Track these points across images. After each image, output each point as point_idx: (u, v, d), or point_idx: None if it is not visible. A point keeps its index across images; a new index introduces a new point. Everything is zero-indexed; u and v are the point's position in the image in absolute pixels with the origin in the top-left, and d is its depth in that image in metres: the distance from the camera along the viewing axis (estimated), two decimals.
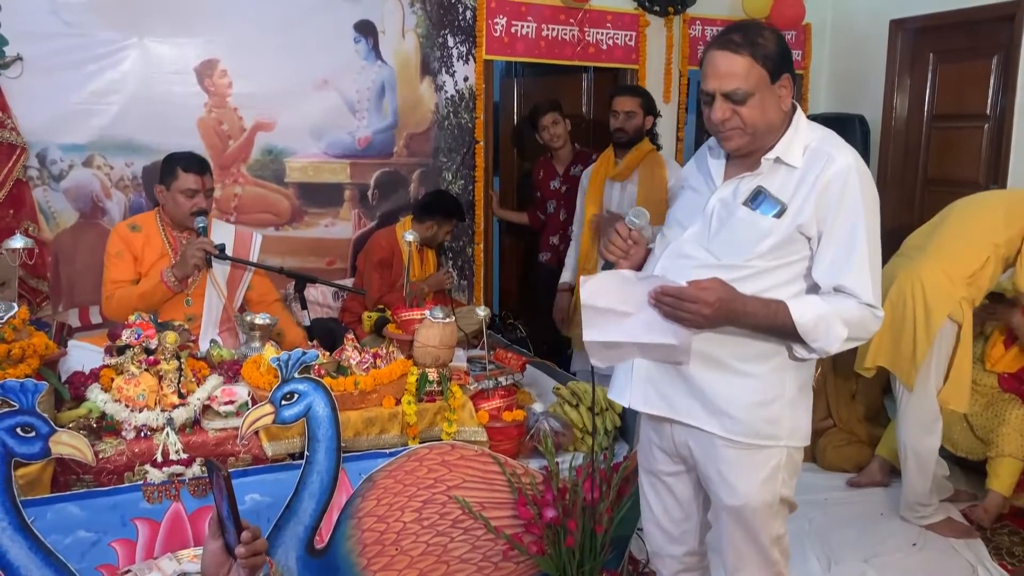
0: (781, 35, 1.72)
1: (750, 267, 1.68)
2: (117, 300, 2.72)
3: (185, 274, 2.72)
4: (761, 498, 1.76)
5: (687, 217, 1.81)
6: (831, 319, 1.63)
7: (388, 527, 2.13)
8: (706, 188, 1.80)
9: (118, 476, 1.98)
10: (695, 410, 1.75)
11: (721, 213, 1.73)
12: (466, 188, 4.34)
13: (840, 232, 1.65)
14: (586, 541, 2.19)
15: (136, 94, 3.53)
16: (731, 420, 1.72)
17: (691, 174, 1.90)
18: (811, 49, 5.16)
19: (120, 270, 2.77)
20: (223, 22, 3.65)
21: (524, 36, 4.28)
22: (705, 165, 1.83)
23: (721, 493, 1.79)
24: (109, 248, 2.81)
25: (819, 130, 1.74)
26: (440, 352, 2.34)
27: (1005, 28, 4.20)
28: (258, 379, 2.14)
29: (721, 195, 1.75)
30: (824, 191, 1.64)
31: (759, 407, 1.72)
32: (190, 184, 2.77)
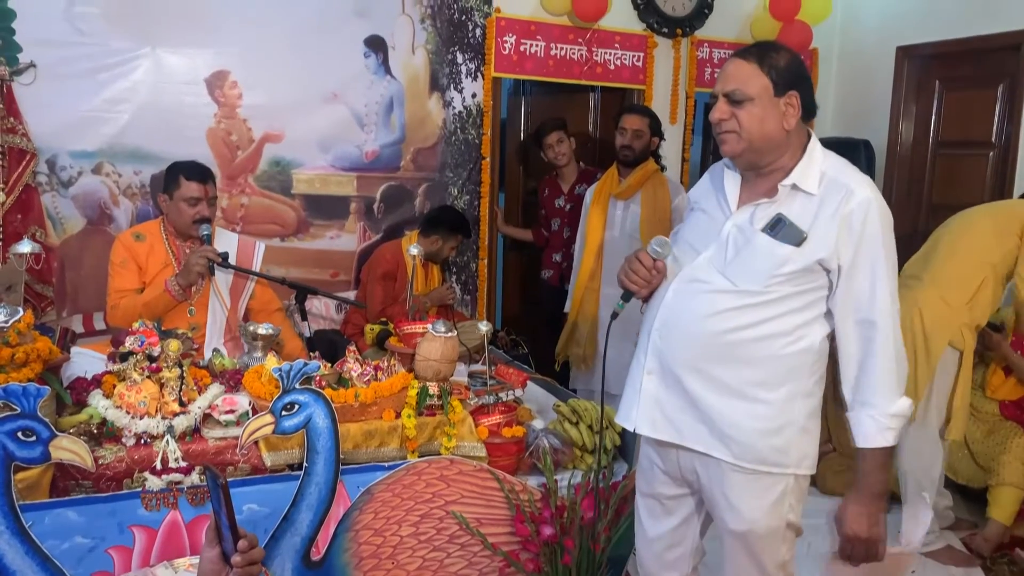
0: (798, 56, 1.74)
1: (767, 293, 1.68)
2: (122, 309, 2.73)
3: (189, 282, 2.73)
4: (767, 523, 1.75)
5: (700, 241, 1.79)
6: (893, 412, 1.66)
7: (385, 541, 2.13)
8: (720, 212, 1.79)
9: (117, 483, 1.98)
10: (703, 435, 1.74)
11: (737, 239, 1.72)
12: (471, 204, 4.36)
13: (863, 267, 1.65)
14: (583, 560, 2.19)
15: (147, 103, 3.56)
16: (739, 446, 1.71)
17: (702, 196, 1.89)
18: (818, 74, 5.19)
19: (124, 279, 2.79)
20: (235, 34, 3.68)
21: (533, 55, 4.31)
22: (720, 187, 1.81)
23: (727, 517, 1.77)
24: (113, 257, 2.83)
25: (833, 158, 1.75)
26: (441, 366, 2.35)
27: (1011, 57, 4.22)
28: (259, 389, 2.15)
29: (737, 221, 1.74)
30: (846, 225, 1.64)
31: (768, 434, 1.71)
32: (193, 192, 2.79)
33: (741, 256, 1.71)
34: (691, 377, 1.74)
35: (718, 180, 1.84)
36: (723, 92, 1.70)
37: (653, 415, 1.79)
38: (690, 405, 1.74)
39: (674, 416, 1.77)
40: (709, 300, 1.70)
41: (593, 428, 2.51)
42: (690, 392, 1.74)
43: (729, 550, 1.81)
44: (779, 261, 1.66)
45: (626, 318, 3.79)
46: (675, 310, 1.76)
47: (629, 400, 1.84)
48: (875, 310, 1.65)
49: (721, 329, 1.70)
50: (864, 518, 1.68)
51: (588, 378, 3.89)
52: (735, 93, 1.68)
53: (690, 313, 1.73)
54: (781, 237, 1.66)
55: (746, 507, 1.74)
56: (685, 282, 1.76)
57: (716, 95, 1.72)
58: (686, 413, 1.75)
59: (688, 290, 1.75)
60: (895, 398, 1.66)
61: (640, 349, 1.84)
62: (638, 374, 1.83)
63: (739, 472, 1.72)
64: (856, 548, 1.70)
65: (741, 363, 1.70)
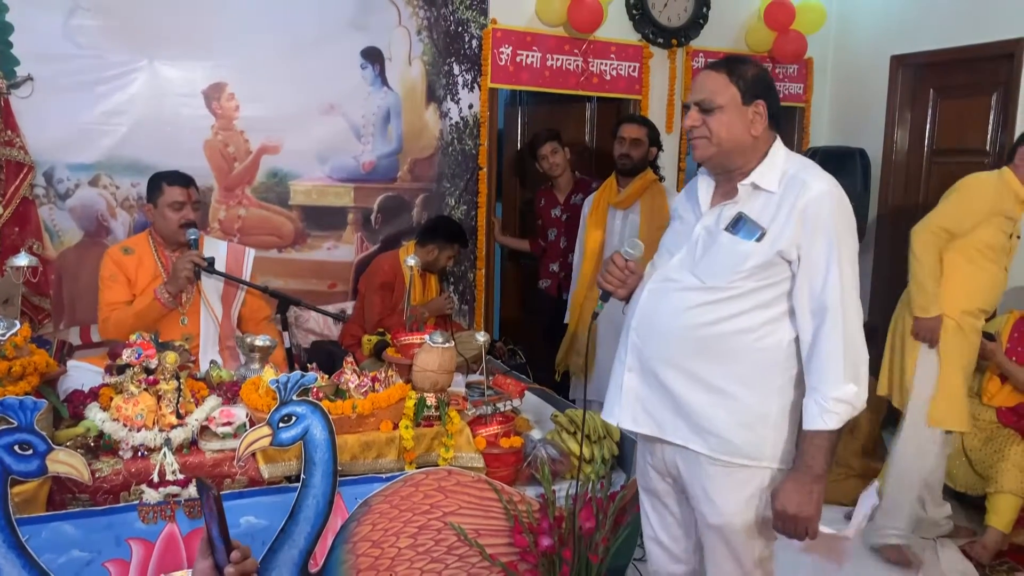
0: (765, 68, 1.87)
1: (732, 288, 1.75)
2: (114, 322, 2.74)
3: (178, 288, 2.73)
4: (743, 518, 1.79)
5: (675, 245, 1.90)
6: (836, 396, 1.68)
7: (383, 552, 2.12)
8: (693, 216, 1.89)
9: (114, 496, 1.98)
10: (681, 429, 1.81)
11: (706, 239, 1.82)
12: (469, 214, 4.37)
13: (819, 255, 1.70)
14: (581, 571, 2.18)
15: (144, 115, 3.56)
16: (716, 439, 1.77)
17: (680, 204, 1.99)
18: (813, 83, 5.22)
19: (115, 292, 2.79)
20: (232, 46, 3.69)
21: (529, 65, 4.33)
22: (695, 194, 1.91)
23: (705, 511, 1.83)
24: (103, 272, 2.84)
25: (797, 159, 1.83)
26: (439, 377, 2.35)
27: (1005, 66, 4.24)
28: (256, 401, 2.15)
29: (706, 222, 1.84)
30: (801, 217, 1.71)
31: (743, 428, 1.76)
32: (176, 197, 2.81)
33: (708, 254, 1.80)
34: (668, 372, 1.81)
35: (693, 187, 1.94)
36: (695, 101, 1.82)
37: (635, 410, 1.87)
38: (668, 399, 1.82)
39: (654, 411, 1.84)
40: (680, 297, 1.79)
41: (590, 437, 2.51)
42: (668, 387, 1.81)
43: (708, 545, 1.87)
44: (741, 257, 1.74)
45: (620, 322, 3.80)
46: (649, 309, 1.85)
47: (612, 396, 1.92)
48: (827, 296, 1.69)
49: (691, 324, 1.77)
50: (795, 495, 1.71)
51: (590, 389, 3.89)
52: (704, 102, 1.80)
53: (663, 310, 1.82)
54: (742, 234, 1.76)
55: (722, 500, 1.79)
56: (659, 282, 1.86)
57: (689, 104, 1.84)
58: (665, 408, 1.83)
59: (661, 289, 1.84)
60: (840, 383, 1.67)
61: (621, 347, 1.92)
62: (620, 371, 1.90)
63: (716, 465, 1.78)
64: (786, 524, 1.73)
65: (713, 358, 1.77)
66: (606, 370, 3.73)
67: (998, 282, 3.01)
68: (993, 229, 2.92)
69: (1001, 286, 3.04)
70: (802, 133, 5.26)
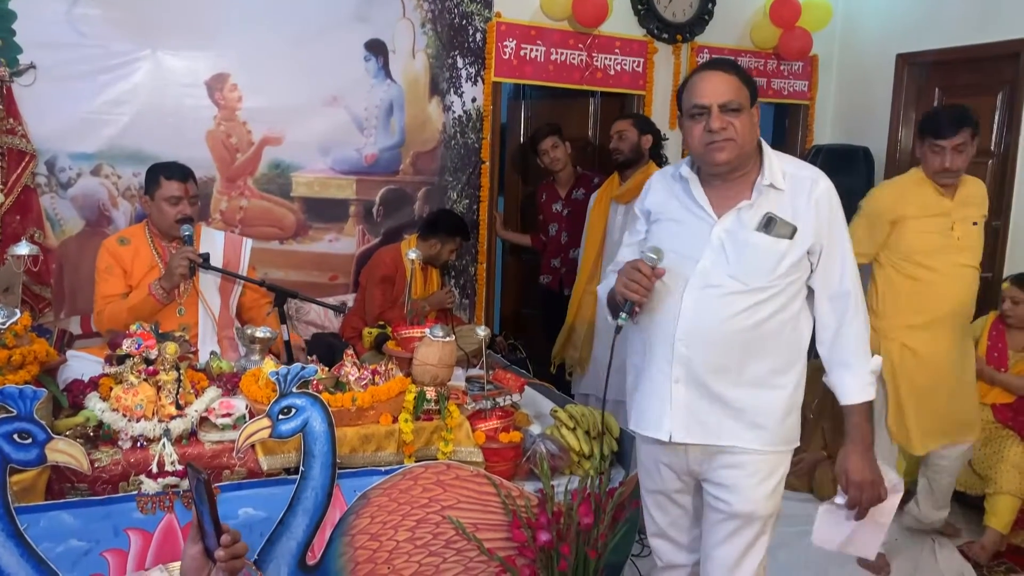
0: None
1: (773, 287, 1.80)
2: (108, 315, 2.73)
3: (172, 285, 2.72)
4: (772, 500, 1.88)
5: (690, 248, 1.85)
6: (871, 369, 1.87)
7: (381, 545, 2.13)
8: (699, 219, 1.87)
9: (113, 486, 1.98)
10: (735, 430, 1.84)
11: (732, 242, 1.82)
12: (471, 208, 4.36)
13: (836, 245, 1.84)
14: (579, 566, 2.18)
15: (147, 105, 3.55)
16: (768, 433, 1.84)
17: (662, 208, 1.95)
18: (817, 81, 5.20)
19: (110, 285, 2.78)
20: (235, 37, 3.68)
21: (533, 59, 4.31)
22: (687, 196, 1.89)
23: (732, 499, 1.85)
24: (99, 264, 2.83)
25: (784, 156, 1.91)
26: (439, 371, 2.35)
27: (1010, 65, 4.23)
28: (256, 392, 2.15)
29: (725, 225, 1.83)
30: (817, 210, 1.81)
31: (788, 416, 1.87)
32: (173, 191, 2.80)
33: (744, 257, 1.80)
34: (719, 378, 1.82)
35: (680, 190, 1.92)
36: (718, 103, 1.78)
37: (688, 422, 1.85)
38: (720, 404, 1.83)
39: (707, 419, 1.85)
40: (727, 302, 1.80)
41: (591, 434, 2.50)
42: (719, 393, 1.83)
43: (726, 531, 1.89)
44: (779, 256, 1.79)
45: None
46: (697, 318, 1.82)
47: (657, 410, 1.89)
48: (846, 281, 1.85)
49: (740, 328, 1.80)
50: (862, 463, 1.85)
51: (587, 383, 3.89)
52: (732, 103, 1.78)
53: (710, 318, 1.81)
54: (776, 233, 1.79)
55: (757, 488, 1.85)
56: (699, 289, 1.83)
57: (705, 106, 1.79)
58: (716, 413, 1.84)
59: (705, 296, 1.82)
60: (869, 358, 1.87)
61: (659, 359, 1.88)
62: (664, 384, 1.87)
63: (755, 455, 1.84)
64: (865, 492, 1.85)
65: (759, 356, 1.82)
66: (602, 364, 3.76)
67: (944, 287, 2.80)
68: (916, 233, 2.78)
69: (959, 287, 2.84)
70: (806, 131, 5.25)
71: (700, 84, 1.81)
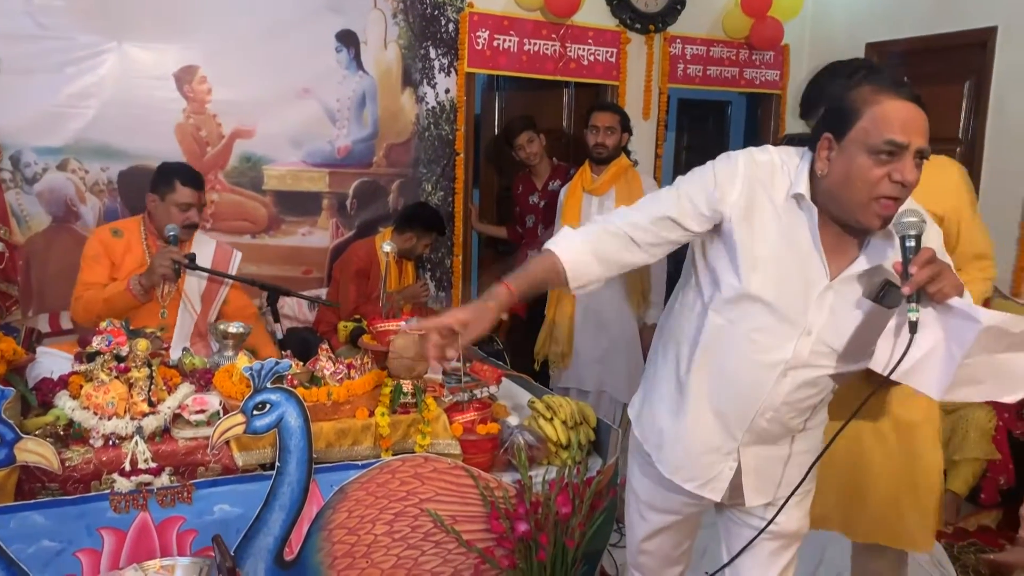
0: None
1: (862, 363, 1.53)
2: (84, 302, 2.69)
3: (152, 284, 2.67)
4: (807, 521, 1.79)
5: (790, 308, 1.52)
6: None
7: (359, 539, 2.12)
8: (805, 271, 1.51)
9: (84, 485, 1.95)
10: (791, 476, 1.70)
11: (839, 311, 1.52)
12: (445, 200, 4.34)
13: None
14: (558, 555, 2.19)
15: (114, 98, 3.50)
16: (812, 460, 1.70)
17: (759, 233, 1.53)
18: (789, 70, 5.24)
19: (94, 273, 2.74)
20: (203, 28, 3.63)
21: (506, 50, 4.30)
22: (801, 233, 1.51)
23: (780, 519, 1.69)
24: (86, 250, 2.78)
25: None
26: (415, 364, 2.33)
27: (978, 54, 4.28)
28: (230, 388, 2.12)
29: (840, 289, 1.51)
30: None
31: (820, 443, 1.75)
32: (186, 198, 2.76)
33: (857, 332, 1.51)
34: (787, 437, 1.68)
35: (795, 222, 1.51)
36: (917, 149, 1.39)
37: (759, 485, 1.70)
38: (783, 458, 1.70)
39: (774, 473, 1.70)
40: (825, 382, 1.59)
41: (568, 423, 2.51)
42: (784, 448, 1.69)
43: (766, 554, 1.75)
44: (881, 329, 1.45)
45: (597, 310, 3.77)
46: (788, 400, 1.59)
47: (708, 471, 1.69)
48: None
49: (825, 397, 1.66)
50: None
51: (569, 376, 3.90)
52: (927, 151, 1.41)
53: (800, 395, 1.60)
54: (889, 303, 1.45)
55: (799, 507, 1.74)
56: (800, 368, 1.55)
57: (903, 145, 1.38)
58: (780, 464, 1.70)
59: (803, 379, 1.57)
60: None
61: (723, 426, 1.65)
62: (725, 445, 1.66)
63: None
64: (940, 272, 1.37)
65: (822, 409, 1.71)
66: (584, 358, 3.77)
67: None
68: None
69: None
70: (778, 120, 5.29)
71: (905, 115, 1.39)
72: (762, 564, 1.75)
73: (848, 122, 1.43)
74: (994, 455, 3.30)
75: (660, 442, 1.76)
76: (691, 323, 1.67)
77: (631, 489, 1.95)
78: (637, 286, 3.71)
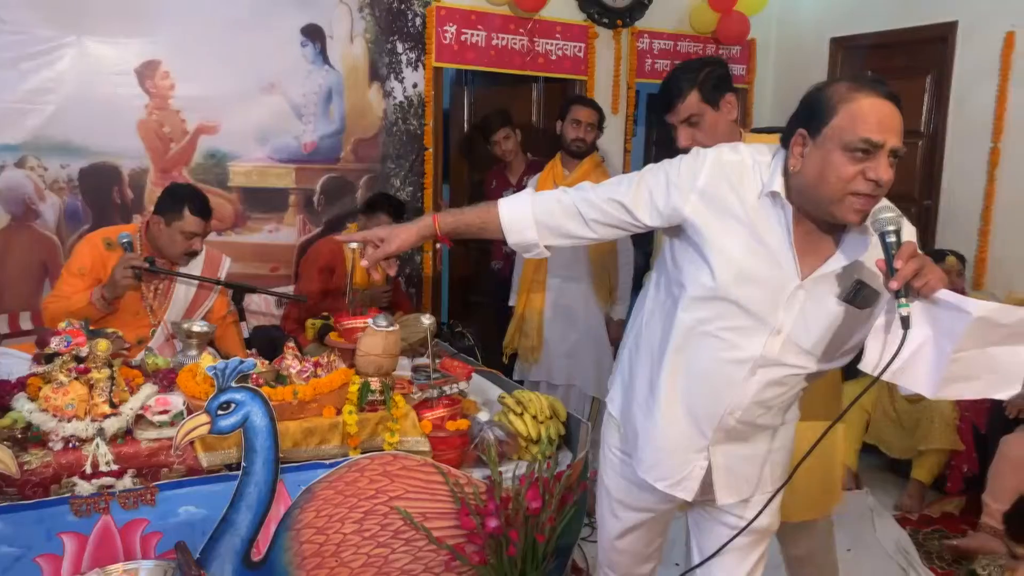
0: None
1: (836, 363, 1.57)
2: (50, 313, 2.65)
3: (115, 295, 2.63)
4: (778, 517, 1.79)
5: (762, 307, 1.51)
6: None
7: (328, 539, 2.10)
8: (779, 265, 1.49)
9: (44, 489, 1.90)
10: (767, 476, 1.71)
11: (810, 311, 1.50)
12: (415, 195, 4.32)
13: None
14: (528, 550, 2.19)
15: (73, 94, 3.43)
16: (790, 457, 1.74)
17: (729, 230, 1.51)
18: (756, 65, 5.28)
19: (71, 286, 2.69)
20: (165, 23, 3.57)
21: (474, 44, 4.28)
22: (775, 232, 1.49)
23: (750, 515, 1.69)
24: (73, 260, 2.73)
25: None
26: (383, 361, 2.32)
27: (939, 48, 4.35)
28: (194, 388, 2.09)
29: (810, 288, 1.49)
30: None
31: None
32: (194, 227, 2.73)
33: (827, 332, 1.50)
34: (758, 435, 1.67)
35: (771, 220, 1.49)
36: (892, 147, 1.37)
37: (729, 482, 1.68)
38: (757, 457, 1.69)
39: (747, 472, 1.69)
40: (794, 381, 1.58)
41: (538, 418, 2.51)
42: (757, 446, 1.68)
43: (737, 549, 1.74)
44: (859, 331, 1.48)
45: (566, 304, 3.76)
46: (758, 398, 1.59)
47: (680, 470, 1.68)
48: None
49: (795, 396, 1.65)
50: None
51: (538, 371, 3.90)
52: (901, 151, 1.39)
53: (771, 393, 1.59)
54: (862, 303, 1.43)
55: (770, 506, 1.71)
56: (769, 366, 1.54)
57: (878, 144, 1.36)
58: (755, 463, 1.69)
59: (772, 377, 1.56)
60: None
61: (693, 423, 1.64)
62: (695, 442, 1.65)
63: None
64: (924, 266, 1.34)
65: (793, 407, 1.71)
66: (554, 351, 3.77)
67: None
68: None
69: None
70: (745, 114, 5.33)
71: (880, 113, 1.37)
72: (733, 560, 1.75)
73: (823, 118, 1.41)
74: (958, 446, 3.36)
75: (636, 441, 1.76)
76: (661, 322, 1.67)
77: (603, 487, 1.96)
78: (605, 281, 3.72)
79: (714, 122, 2.14)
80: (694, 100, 2.12)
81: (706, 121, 2.13)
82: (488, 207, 1.72)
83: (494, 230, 1.69)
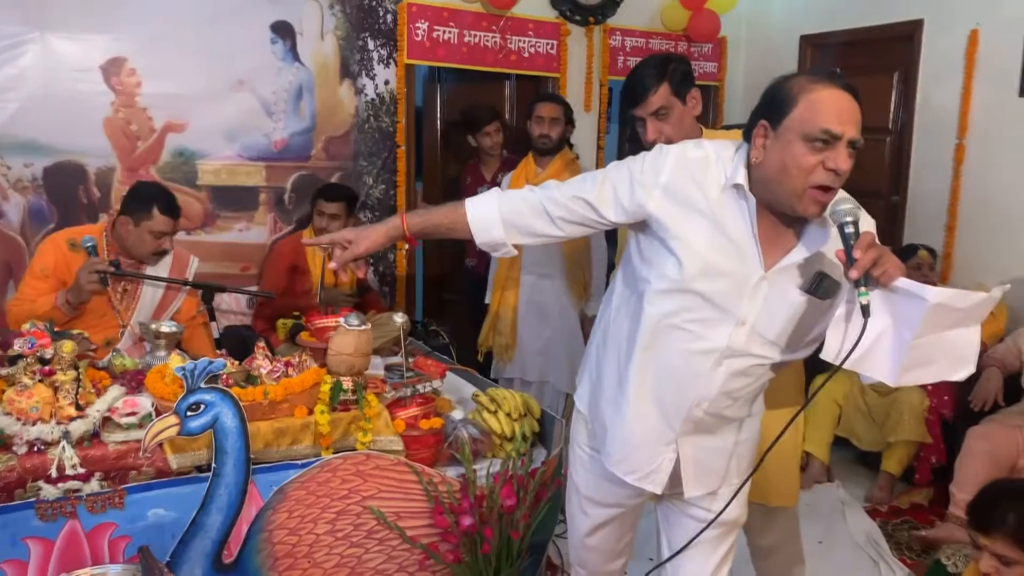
0: None
1: (799, 354, 1.59)
2: (14, 316, 2.60)
3: (80, 300, 2.60)
4: (746, 509, 1.81)
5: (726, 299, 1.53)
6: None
7: (300, 540, 2.08)
8: (742, 259, 1.51)
9: (8, 493, 1.87)
10: (734, 466, 1.72)
11: (773, 299, 1.52)
12: (387, 193, 4.30)
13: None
14: (503, 548, 2.19)
15: (37, 92, 3.37)
16: (755, 445, 1.77)
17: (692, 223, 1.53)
18: (726, 62, 5.32)
19: (35, 289, 2.64)
20: (131, 19, 3.52)
21: (446, 41, 4.27)
22: (738, 224, 1.51)
23: (717, 508, 1.70)
24: (35, 262, 2.68)
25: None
26: (355, 360, 2.30)
27: (906, 46, 4.41)
28: (163, 389, 2.06)
29: (774, 280, 1.51)
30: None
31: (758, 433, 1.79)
32: (162, 227, 2.70)
33: (785, 321, 1.53)
34: (725, 427, 1.69)
35: (735, 212, 1.51)
36: (850, 138, 1.40)
37: (697, 474, 1.69)
38: (724, 449, 1.71)
39: (714, 464, 1.71)
40: (759, 372, 1.60)
41: (512, 416, 2.51)
42: (724, 439, 1.70)
43: (705, 541, 1.75)
44: (820, 322, 1.51)
45: (539, 301, 3.76)
46: (724, 389, 1.60)
47: (648, 463, 1.69)
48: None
49: (758, 388, 1.67)
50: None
51: (512, 368, 3.90)
52: (859, 143, 1.42)
53: (736, 384, 1.60)
54: (823, 294, 1.46)
55: (738, 498, 1.72)
56: (735, 357, 1.56)
57: (838, 136, 1.39)
58: (722, 455, 1.71)
59: (738, 367, 1.57)
60: None
61: (661, 415, 1.66)
62: (663, 435, 1.66)
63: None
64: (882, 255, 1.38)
65: (759, 398, 1.73)
66: (528, 348, 3.77)
67: None
68: None
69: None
70: (716, 112, 5.37)
71: (839, 104, 1.40)
72: (702, 553, 1.76)
73: (784, 110, 1.44)
74: (926, 438, 3.42)
75: (604, 436, 1.77)
76: (628, 317, 1.68)
77: (572, 485, 1.96)
78: (579, 278, 3.73)
79: (681, 116, 2.17)
80: (664, 92, 2.15)
81: (674, 114, 2.16)
82: (455, 207, 1.72)
83: (462, 230, 1.70)
